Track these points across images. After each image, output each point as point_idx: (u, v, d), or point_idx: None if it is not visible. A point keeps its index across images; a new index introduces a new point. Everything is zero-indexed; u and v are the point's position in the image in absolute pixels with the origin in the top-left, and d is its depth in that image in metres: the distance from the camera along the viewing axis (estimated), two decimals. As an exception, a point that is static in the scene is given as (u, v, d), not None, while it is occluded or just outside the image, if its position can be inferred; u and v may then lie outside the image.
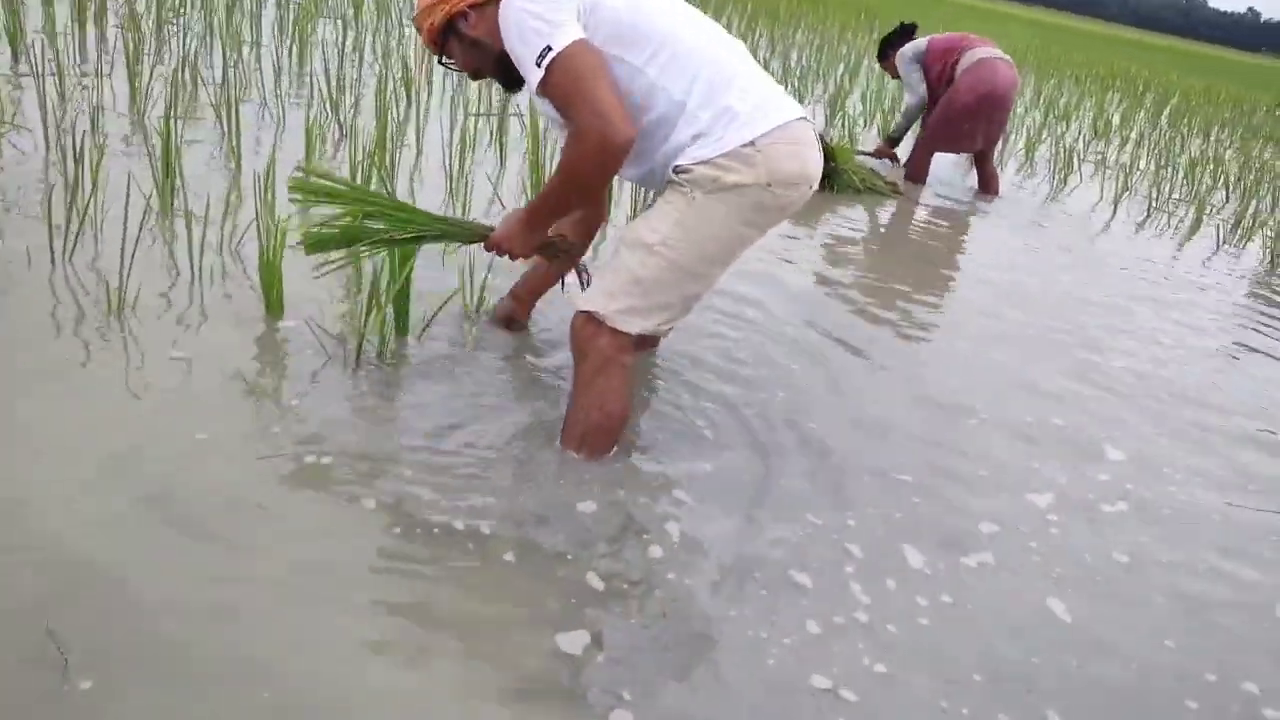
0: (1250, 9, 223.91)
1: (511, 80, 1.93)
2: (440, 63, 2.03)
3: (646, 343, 2.38)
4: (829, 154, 4.73)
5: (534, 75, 1.71)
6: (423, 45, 2.09)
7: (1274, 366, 3.37)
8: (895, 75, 5.48)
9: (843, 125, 6.50)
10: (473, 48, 1.93)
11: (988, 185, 5.45)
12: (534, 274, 2.46)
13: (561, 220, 2.11)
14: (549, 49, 1.69)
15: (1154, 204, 5.87)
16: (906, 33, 5.41)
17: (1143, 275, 4.30)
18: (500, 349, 2.38)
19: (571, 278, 2.34)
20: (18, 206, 2.60)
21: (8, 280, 2.21)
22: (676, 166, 1.83)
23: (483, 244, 2.03)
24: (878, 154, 5.58)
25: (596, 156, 1.71)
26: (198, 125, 3.63)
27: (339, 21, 6.30)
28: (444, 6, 1.88)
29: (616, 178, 1.93)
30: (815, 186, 1.91)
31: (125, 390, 1.89)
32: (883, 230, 4.41)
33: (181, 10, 5.56)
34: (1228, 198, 6.57)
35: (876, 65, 5.97)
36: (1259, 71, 39.42)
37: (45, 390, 1.85)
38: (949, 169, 5.77)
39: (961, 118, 5.02)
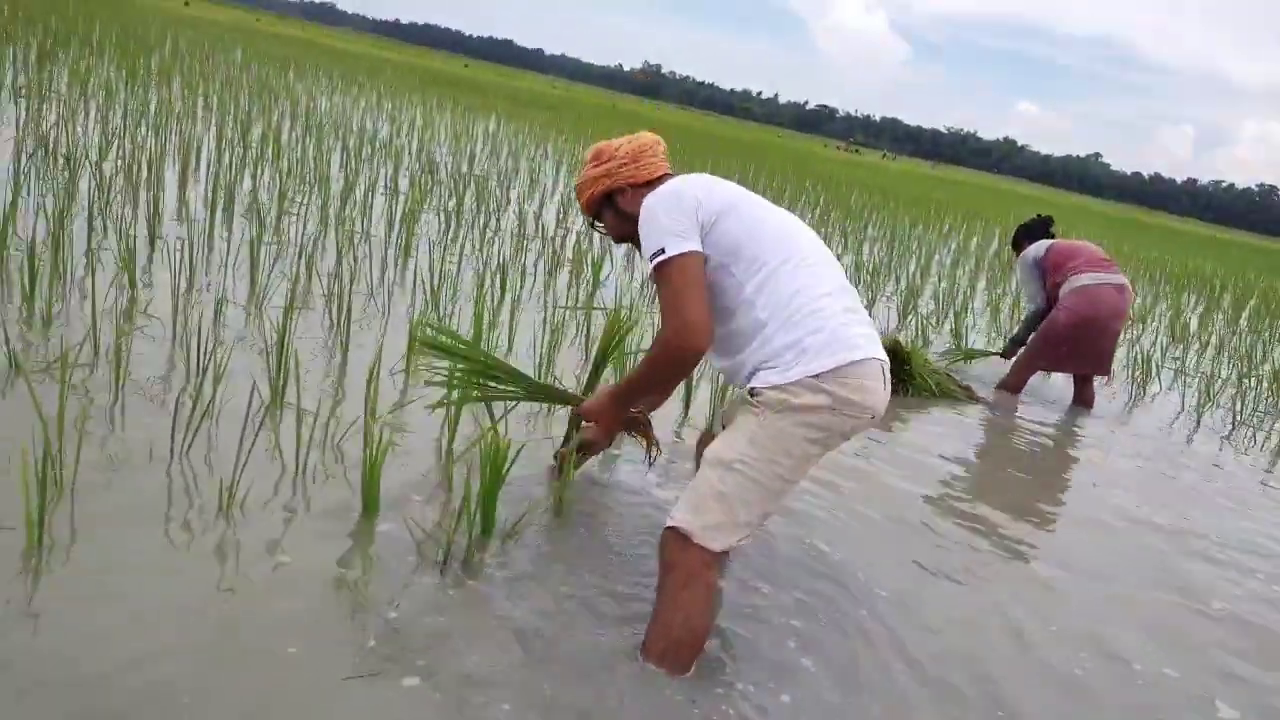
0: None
1: None
2: (591, 226, 2.42)
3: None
4: (903, 358, 4.82)
5: (647, 264, 2.03)
6: (579, 208, 2.44)
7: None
8: None
9: (915, 325, 6.62)
10: (623, 219, 2.28)
11: (1082, 398, 5.42)
12: (588, 446, 2.69)
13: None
14: (663, 250, 1.99)
15: (1239, 417, 5.76)
16: (1043, 225, 5.59)
17: (1234, 503, 4.18)
18: (582, 555, 2.43)
19: (649, 449, 2.61)
20: (144, 395, 2.81)
21: (128, 471, 2.37)
22: (751, 389, 2.00)
23: (575, 409, 2.38)
24: (1005, 355, 5.66)
25: (674, 360, 2.00)
26: (310, 316, 3.89)
27: (440, 214, 6.78)
28: (606, 180, 2.26)
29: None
30: (879, 417, 2.04)
31: (222, 593, 1.98)
32: (970, 442, 4.41)
33: (301, 200, 6.07)
34: (1317, 412, 6.41)
35: (947, 262, 6.15)
36: (1340, 271, 39.04)
37: (148, 585, 1.95)
38: (1040, 378, 5.76)
39: (1060, 340, 5.10)
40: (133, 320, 3.38)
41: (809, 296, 2.01)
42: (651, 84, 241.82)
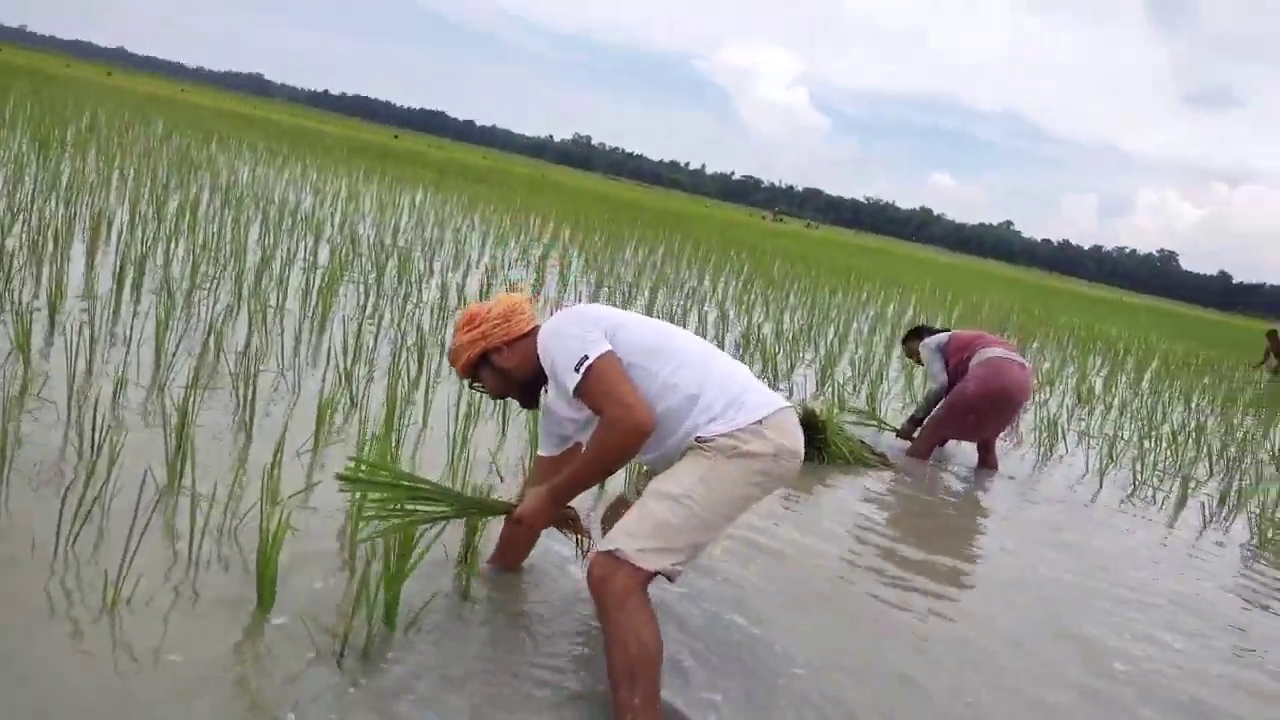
0: (1221, 271, 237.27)
1: (532, 399, 2.48)
2: (470, 387, 2.49)
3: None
4: (818, 426, 4.91)
5: (571, 380, 2.13)
6: (456, 372, 2.51)
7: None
8: (917, 360, 6.05)
9: (832, 392, 6.77)
10: (502, 376, 2.41)
11: (986, 461, 5.64)
12: (508, 542, 2.74)
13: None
14: (586, 358, 2.14)
15: (1139, 477, 5.98)
16: (928, 330, 6.05)
17: (1134, 560, 4.33)
18: (491, 645, 2.39)
19: (578, 544, 2.62)
20: (30, 483, 2.70)
21: (7, 566, 2.27)
22: (699, 438, 2.19)
23: (508, 516, 2.41)
24: (900, 434, 5.84)
25: (623, 440, 2.10)
26: (215, 395, 3.81)
27: (360, 286, 6.73)
28: (482, 342, 2.38)
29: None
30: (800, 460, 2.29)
31: (104, 691, 1.89)
32: (889, 506, 4.49)
33: (214, 275, 5.97)
34: (1211, 471, 6.71)
35: (865, 329, 6.39)
36: (1233, 330, 41.17)
37: (23, 690, 1.85)
38: (952, 444, 5.93)
39: (968, 409, 5.33)
40: (23, 404, 3.26)
41: (721, 363, 2.32)
42: (581, 154, 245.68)
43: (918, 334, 6.10)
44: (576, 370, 2.13)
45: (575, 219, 18.37)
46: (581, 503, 3.26)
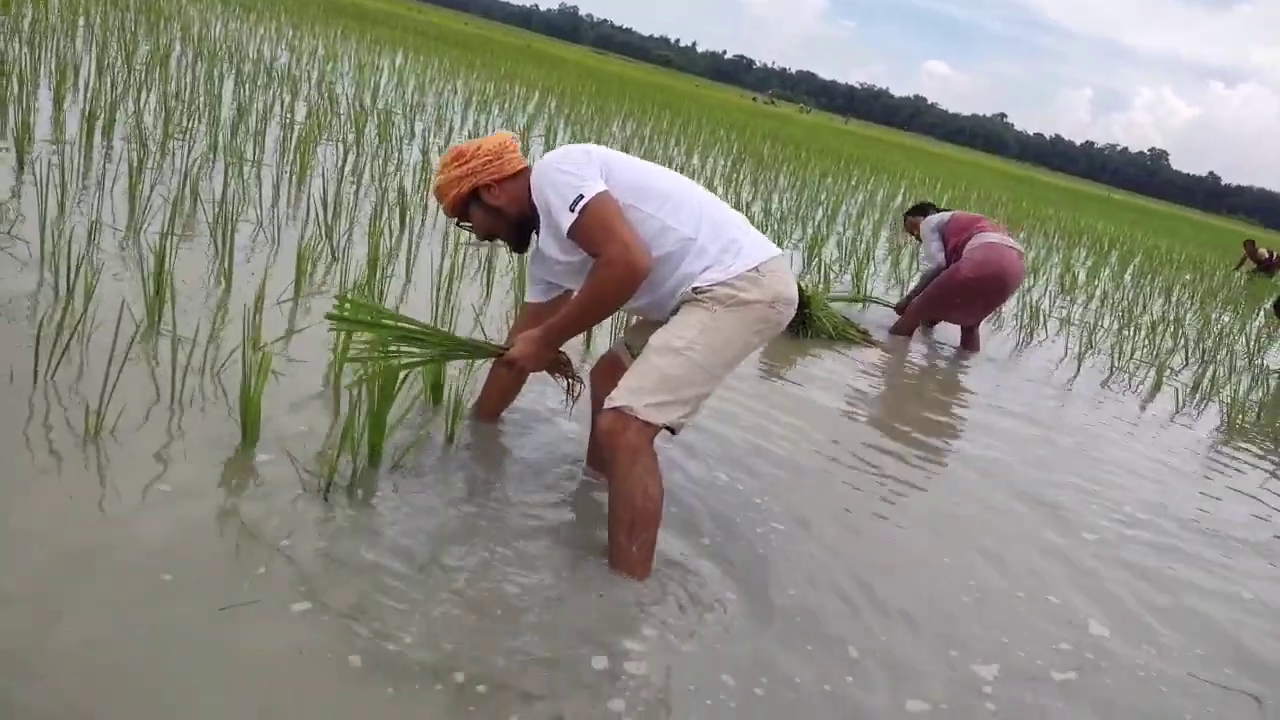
0: (1211, 173, 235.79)
1: (522, 242, 2.41)
2: (458, 224, 2.39)
3: None
4: (803, 300, 4.90)
5: (567, 219, 2.08)
6: (442, 210, 2.40)
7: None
8: (916, 236, 5.99)
9: (819, 270, 6.74)
10: (493, 214, 2.33)
11: (968, 343, 5.65)
12: (494, 386, 2.70)
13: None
14: (581, 196, 2.07)
15: (1116, 364, 6.06)
16: (932, 207, 5.96)
17: (1102, 438, 4.42)
18: (475, 484, 2.41)
19: (568, 390, 2.52)
20: (6, 318, 2.65)
21: (-12, 394, 2.24)
22: (696, 288, 2.16)
23: (497, 360, 2.34)
24: (898, 309, 5.85)
25: (622, 279, 2.06)
26: (193, 244, 3.72)
27: (340, 145, 6.54)
28: (471, 179, 2.28)
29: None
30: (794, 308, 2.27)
31: (92, 517, 1.90)
32: (869, 379, 4.52)
33: (188, 127, 5.77)
34: (1187, 361, 6.80)
35: (854, 213, 6.31)
36: (1218, 233, 41.21)
37: (9, 509, 1.85)
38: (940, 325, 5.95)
39: (958, 291, 5.30)
40: (-5, 241, 3.17)
41: (721, 211, 2.26)
42: (568, 25, 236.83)
43: (922, 210, 6.01)
44: (572, 210, 2.07)
45: (561, 90, 17.83)
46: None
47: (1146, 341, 7.09)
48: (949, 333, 5.85)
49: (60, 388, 2.35)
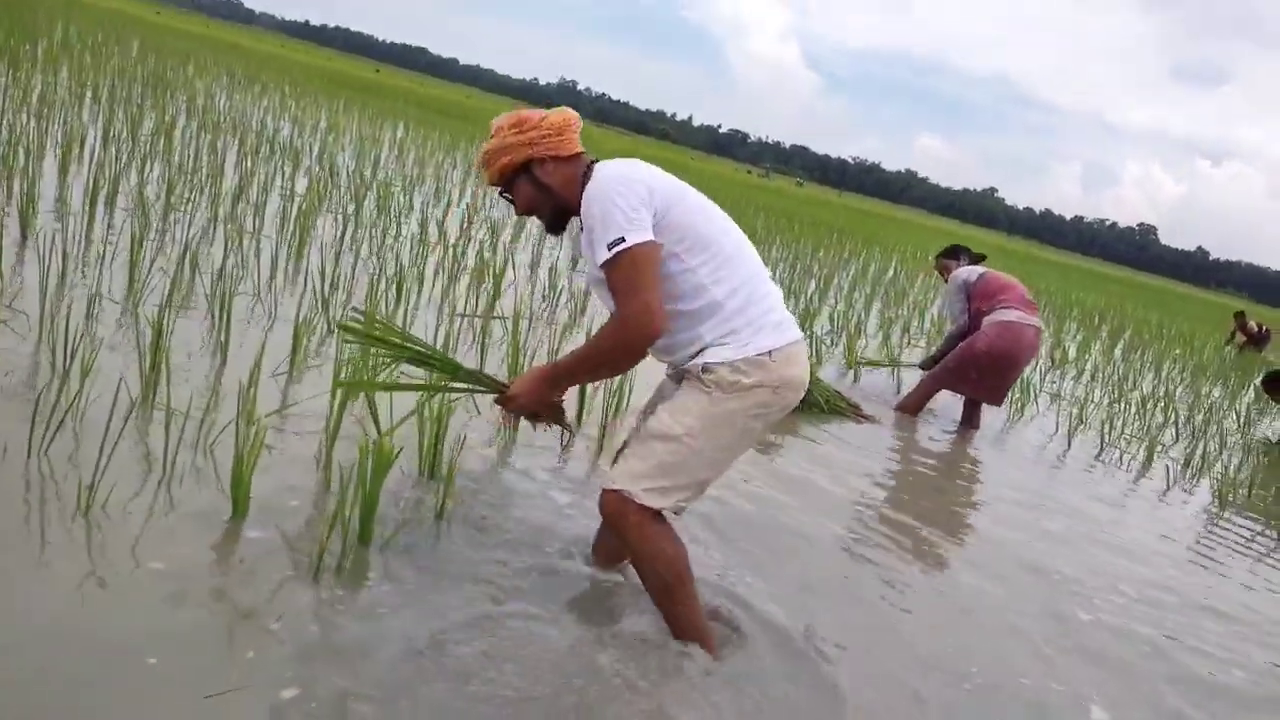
0: (1199, 247, 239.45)
1: (558, 228, 2.30)
2: (500, 194, 2.28)
3: None
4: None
5: (601, 254, 2.00)
6: (483, 176, 2.31)
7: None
8: (943, 277, 5.86)
9: (811, 344, 6.79)
10: (541, 192, 2.21)
11: (969, 421, 5.61)
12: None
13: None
14: (623, 240, 1.99)
15: (1107, 439, 6.08)
16: (965, 252, 5.86)
17: (1096, 518, 4.41)
18: (467, 563, 2.40)
19: (559, 437, 2.52)
20: (3, 394, 2.66)
21: (-20, 469, 2.24)
22: (705, 365, 2.11)
23: (499, 396, 2.26)
24: (923, 367, 5.84)
25: (632, 342, 2.03)
26: (190, 316, 3.76)
27: (339, 216, 6.63)
28: (528, 149, 2.17)
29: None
30: (802, 394, 2.21)
31: (79, 596, 1.89)
32: (862, 454, 4.52)
33: (190, 198, 5.86)
34: (1177, 436, 6.83)
35: (845, 286, 6.37)
36: (1208, 306, 41.69)
37: (-1, 592, 1.84)
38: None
39: (973, 365, 5.25)
40: (-5, 313, 3.20)
41: (759, 281, 2.20)
42: (567, 99, 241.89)
43: (954, 254, 5.86)
44: (610, 248, 1.99)
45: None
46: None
47: (1137, 417, 7.13)
48: (949, 408, 5.88)
49: (55, 461, 2.35)
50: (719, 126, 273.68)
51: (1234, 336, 17.99)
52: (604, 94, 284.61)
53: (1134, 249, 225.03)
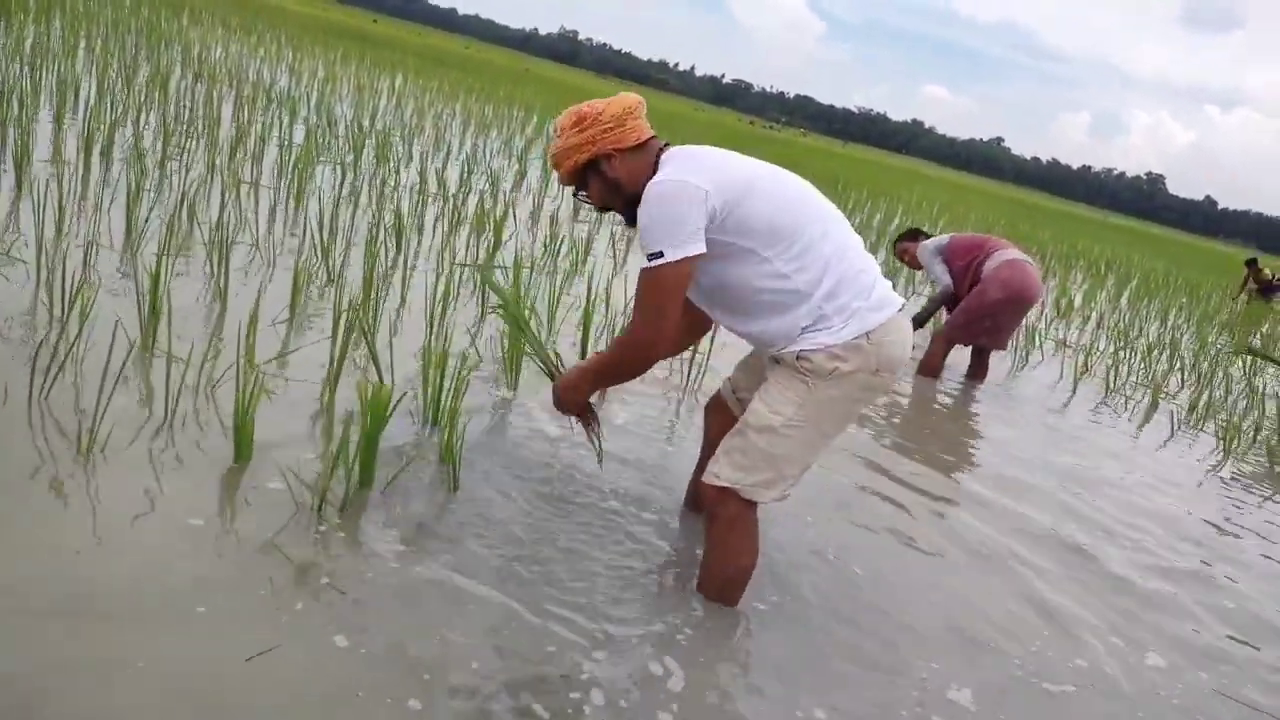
0: (1207, 196, 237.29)
1: (634, 218, 2.14)
2: (575, 196, 2.26)
3: None
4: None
5: (643, 258, 2.00)
6: (556, 177, 2.25)
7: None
8: (905, 263, 5.79)
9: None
10: (610, 187, 2.16)
11: (977, 373, 5.57)
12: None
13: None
14: (661, 255, 1.95)
15: (1112, 386, 6.06)
16: (923, 233, 5.80)
17: (1100, 459, 4.42)
18: (466, 518, 2.40)
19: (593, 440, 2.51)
20: (2, 339, 2.65)
21: (-19, 413, 2.24)
22: (800, 354, 2.04)
23: (552, 380, 2.41)
24: (916, 321, 5.74)
25: (637, 358, 2.12)
26: (189, 264, 3.73)
27: (338, 166, 6.57)
28: (590, 148, 2.11)
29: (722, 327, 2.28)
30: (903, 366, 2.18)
31: (78, 536, 1.89)
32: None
33: (185, 147, 5.80)
34: (1183, 383, 6.81)
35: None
36: (1215, 256, 41.40)
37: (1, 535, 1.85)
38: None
39: (986, 314, 5.17)
40: (-8, 261, 3.18)
41: (849, 259, 2.08)
42: (568, 49, 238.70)
43: (913, 236, 5.82)
44: (648, 254, 1.97)
45: (561, 113, 17.92)
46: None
47: (1143, 364, 7.10)
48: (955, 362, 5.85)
49: (55, 405, 2.35)
50: (722, 76, 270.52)
51: (1245, 284, 17.54)
52: (605, 44, 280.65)
53: (1142, 199, 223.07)
